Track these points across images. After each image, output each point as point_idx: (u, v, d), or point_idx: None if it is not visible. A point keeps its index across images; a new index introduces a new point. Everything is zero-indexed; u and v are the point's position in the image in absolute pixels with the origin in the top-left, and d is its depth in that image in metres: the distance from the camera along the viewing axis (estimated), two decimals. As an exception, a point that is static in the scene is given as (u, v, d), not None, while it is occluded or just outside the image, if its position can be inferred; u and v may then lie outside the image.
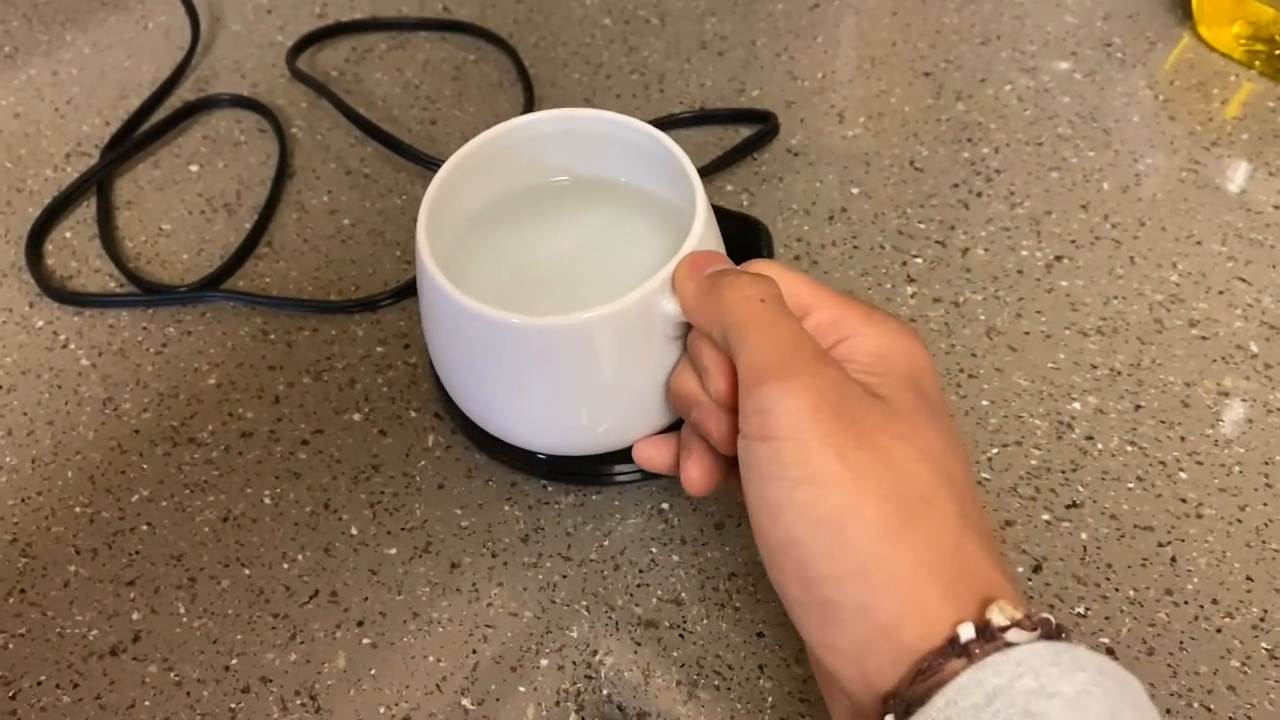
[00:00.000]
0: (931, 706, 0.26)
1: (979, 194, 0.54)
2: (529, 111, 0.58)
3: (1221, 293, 0.49)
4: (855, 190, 0.55)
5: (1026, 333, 0.48)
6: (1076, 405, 0.45)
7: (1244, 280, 0.49)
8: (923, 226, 0.53)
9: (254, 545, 0.43)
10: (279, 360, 0.49)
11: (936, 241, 0.52)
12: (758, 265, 0.35)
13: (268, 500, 0.44)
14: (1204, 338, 0.47)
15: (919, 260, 0.51)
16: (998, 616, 0.27)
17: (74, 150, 0.60)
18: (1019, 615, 0.27)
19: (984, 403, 0.46)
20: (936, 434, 0.30)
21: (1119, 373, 0.46)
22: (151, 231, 0.56)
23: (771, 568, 0.31)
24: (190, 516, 0.44)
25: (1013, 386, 0.46)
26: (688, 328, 0.36)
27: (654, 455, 0.38)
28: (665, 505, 0.43)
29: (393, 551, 0.42)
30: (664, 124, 0.57)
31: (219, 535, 0.43)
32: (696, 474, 0.35)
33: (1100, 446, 0.44)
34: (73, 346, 0.50)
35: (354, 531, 0.43)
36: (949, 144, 0.57)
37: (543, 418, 0.39)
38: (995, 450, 0.44)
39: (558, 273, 0.42)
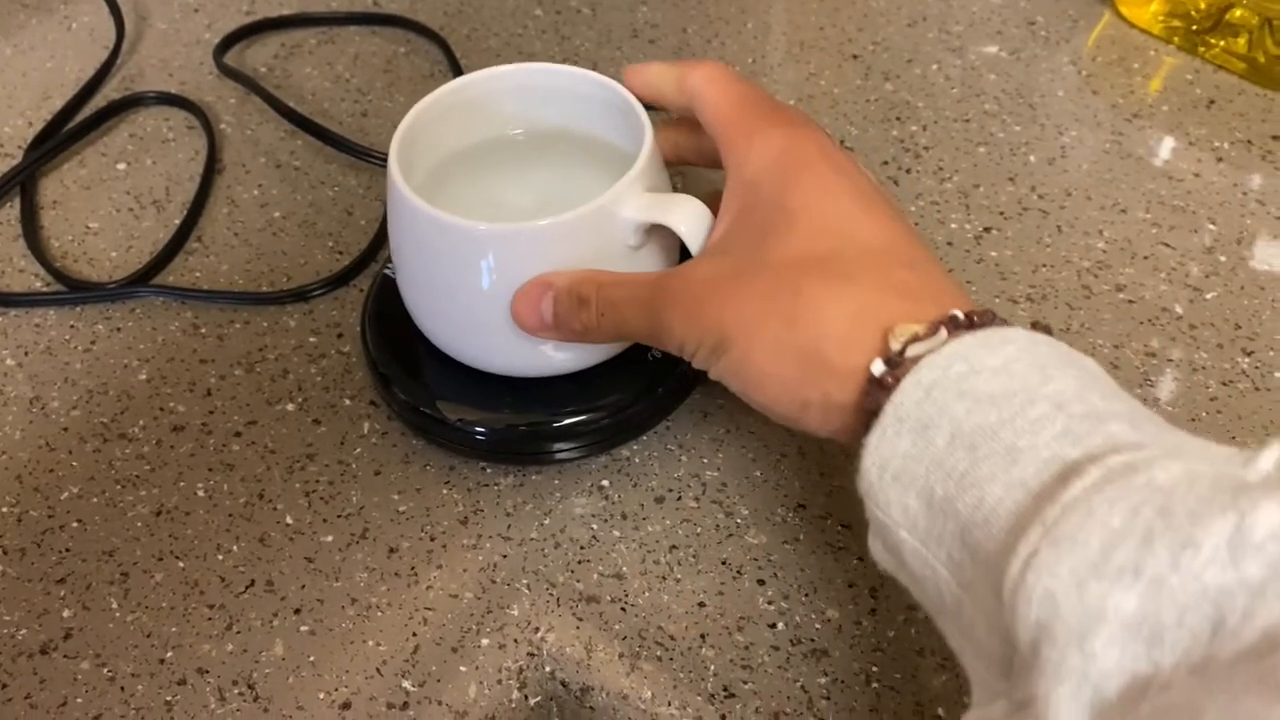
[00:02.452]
0: (882, 424, 0.28)
1: (908, 170, 0.55)
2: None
3: (1146, 258, 0.50)
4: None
5: (958, 303, 0.49)
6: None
7: (1168, 245, 0.50)
8: (854, 203, 0.53)
9: (188, 538, 0.42)
10: (210, 354, 0.49)
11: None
12: (694, 71, 0.39)
13: (201, 493, 0.44)
14: (1130, 301, 0.48)
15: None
16: (895, 342, 0.29)
17: (-3, 152, 0.59)
18: (916, 329, 0.29)
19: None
20: (792, 236, 0.33)
21: (1049, 338, 0.47)
22: (78, 230, 0.55)
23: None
24: (122, 512, 0.43)
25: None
26: (647, 237, 0.39)
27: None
28: (605, 482, 0.43)
29: (329, 539, 0.42)
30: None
31: (151, 529, 0.43)
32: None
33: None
34: (-3, 347, 0.49)
35: (289, 521, 0.43)
36: (878, 123, 0.57)
37: (506, 334, 0.39)
38: (930, 417, 0.44)
39: (518, 214, 0.43)
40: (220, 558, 0.42)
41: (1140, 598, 0.21)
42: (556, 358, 0.41)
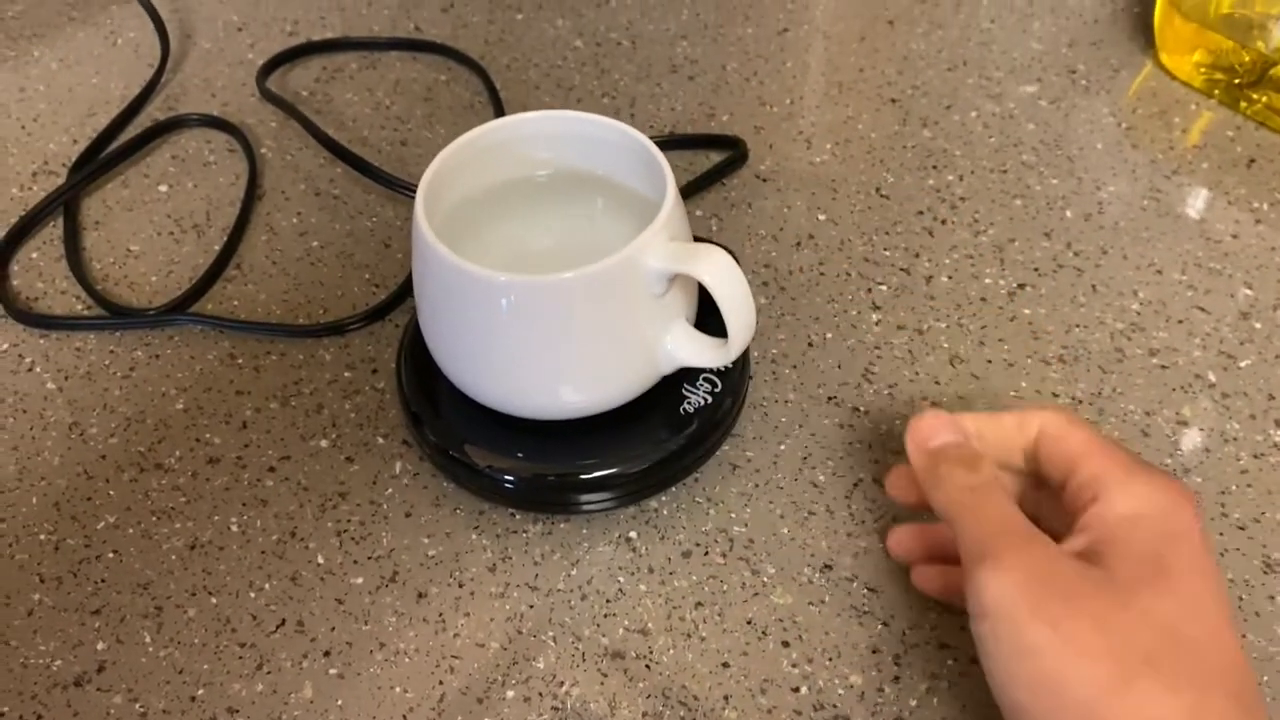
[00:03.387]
0: None
1: (943, 221, 0.55)
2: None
3: (1181, 322, 0.50)
4: (822, 216, 0.55)
5: (989, 361, 0.49)
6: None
7: (1203, 309, 0.50)
8: (888, 253, 0.53)
9: (220, 574, 0.43)
10: (246, 385, 0.49)
11: (901, 269, 0.53)
12: (1038, 414, 0.37)
13: (235, 528, 0.44)
14: (1164, 367, 0.48)
15: (884, 287, 0.52)
16: None
17: (41, 169, 0.60)
18: None
19: (947, 431, 0.46)
20: (1166, 598, 0.31)
21: (1080, 401, 0.47)
22: (120, 253, 0.55)
23: None
24: (157, 544, 0.44)
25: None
26: (670, 285, 0.39)
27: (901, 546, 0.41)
28: (633, 534, 0.43)
29: (359, 581, 0.42)
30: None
31: (185, 563, 0.43)
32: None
33: (1061, 475, 0.45)
34: (39, 370, 0.50)
35: (320, 560, 0.43)
36: (914, 171, 0.57)
37: (533, 379, 0.41)
38: (958, 479, 0.45)
39: (541, 258, 0.45)
40: (252, 595, 0.42)
41: None
42: (574, 401, 0.42)
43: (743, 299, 0.38)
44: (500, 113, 0.61)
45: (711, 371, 0.45)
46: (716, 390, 0.44)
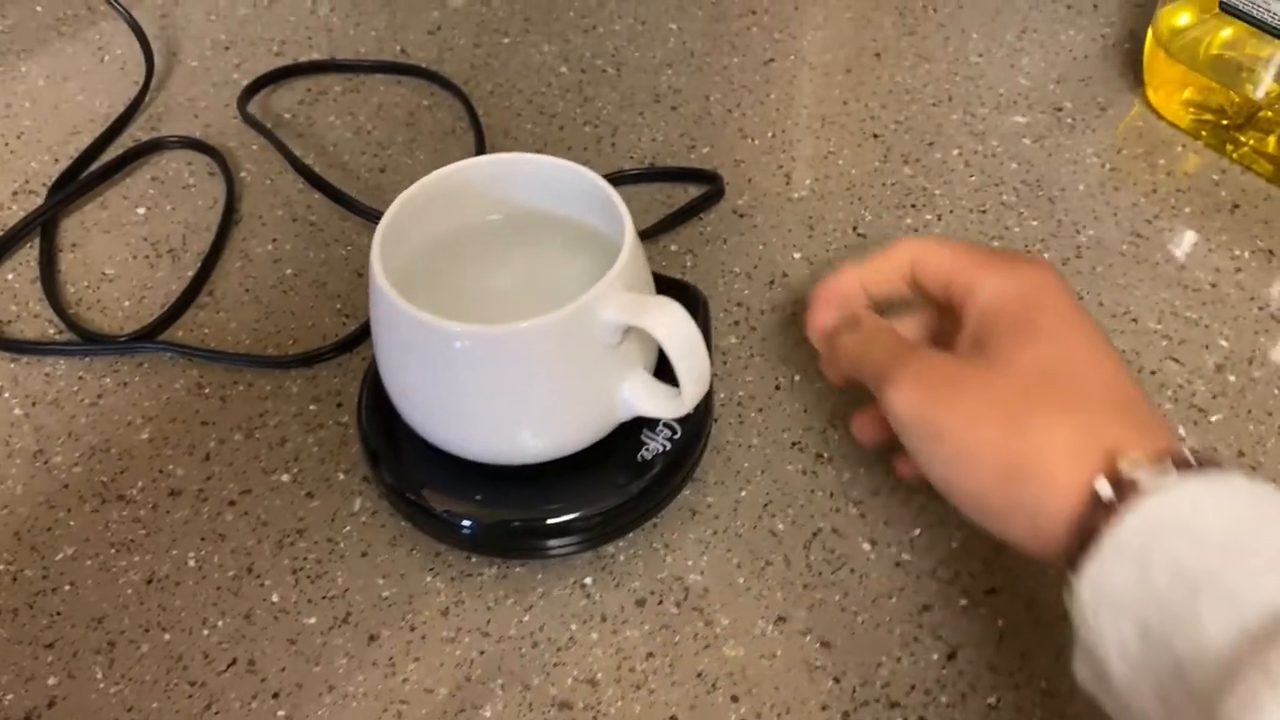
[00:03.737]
0: (1102, 552, 0.30)
1: (920, 262, 0.54)
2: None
3: (1154, 373, 0.49)
4: (797, 255, 0.55)
5: (958, 409, 0.48)
6: (1002, 486, 0.46)
7: (1176, 361, 0.50)
8: (862, 294, 0.53)
9: (175, 610, 0.43)
10: (212, 415, 0.49)
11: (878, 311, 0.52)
12: (904, 245, 0.41)
13: (192, 563, 0.44)
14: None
15: (856, 330, 0.52)
16: (1125, 466, 0.31)
17: (21, 188, 0.60)
18: (1144, 458, 0.31)
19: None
20: (1038, 350, 0.35)
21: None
22: (94, 276, 0.55)
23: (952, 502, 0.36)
24: (114, 578, 0.44)
25: (940, 465, 0.46)
26: (626, 336, 0.39)
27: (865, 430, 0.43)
28: (588, 580, 0.43)
29: (312, 621, 0.42)
30: (613, 179, 0.57)
31: (141, 598, 0.43)
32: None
33: (1023, 530, 0.44)
34: (7, 395, 0.50)
35: (275, 599, 0.43)
36: (893, 209, 0.57)
37: (487, 426, 0.41)
38: (918, 530, 0.44)
39: (501, 301, 0.44)
40: (205, 632, 0.42)
41: None
42: (529, 448, 0.41)
43: (695, 354, 0.38)
44: (480, 139, 0.61)
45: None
46: (677, 436, 0.44)
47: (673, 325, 0.38)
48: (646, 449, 0.43)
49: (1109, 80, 0.64)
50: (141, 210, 0.59)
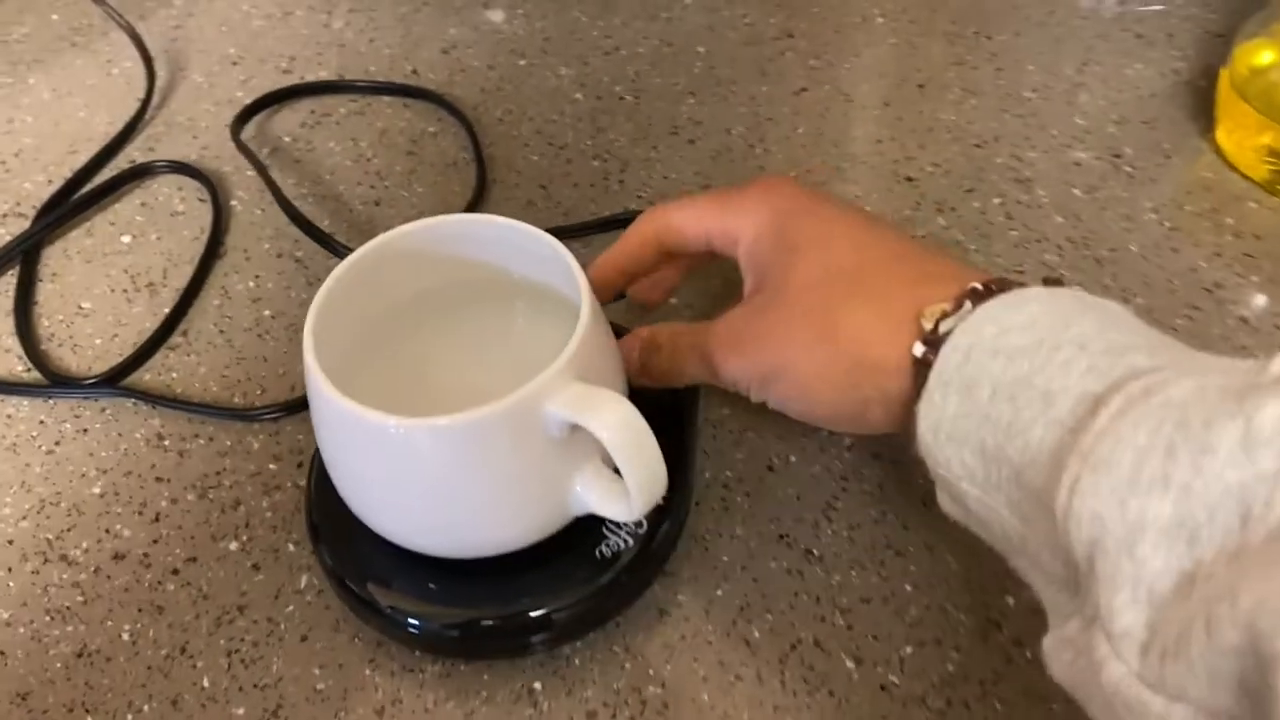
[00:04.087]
0: (929, 391, 0.31)
1: (944, 329, 0.49)
2: (477, 198, 0.55)
3: (1198, 472, 0.43)
4: (809, 314, 0.50)
5: (969, 505, 0.43)
6: (1010, 600, 0.40)
7: (1226, 459, 0.44)
8: (875, 364, 0.48)
9: (102, 689, 0.40)
10: (168, 471, 0.46)
11: (887, 384, 0.47)
12: (646, 219, 0.42)
13: (126, 636, 0.42)
14: (1169, 528, 0.42)
15: (864, 405, 0.47)
16: (928, 321, 0.32)
17: (12, 210, 0.58)
18: (944, 307, 0.32)
19: (906, 587, 0.41)
20: (807, 263, 0.36)
21: (1065, 563, 0.41)
22: (70, 310, 0.53)
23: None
24: (45, 648, 0.41)
25: (942, 570, 0.41)
26: (573, 430, 0.35)
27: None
28: (537, 685, 0.39)
29: (240, 712, 0.39)
30: (612, 222, 0.53)
31: (70, 673, 0.41)
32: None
33: (1029, 654, 0.39)
34: (-34, 437, 0.48)
35: (206, 684, 0.40)
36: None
37: (424, 519, 0.38)
38: (910, 649, 0.39)
39: (459, 373, 0.42)
40: (129, 717, 0.39)
41: (1174, 504, 0.24)
42: (470, 543, 0.38)
43: (643, 461, 0.34)
44: (482, 173, 0.57)
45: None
46: (642, 530, 0.40)
47: (618, 429, 0.33)
48: (607, 544, 0.39)
49: (1176, 123, 0.57)
50: (126, 239, 0.56)
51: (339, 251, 0.53)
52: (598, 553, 0.39)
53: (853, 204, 0.38)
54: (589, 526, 0.39)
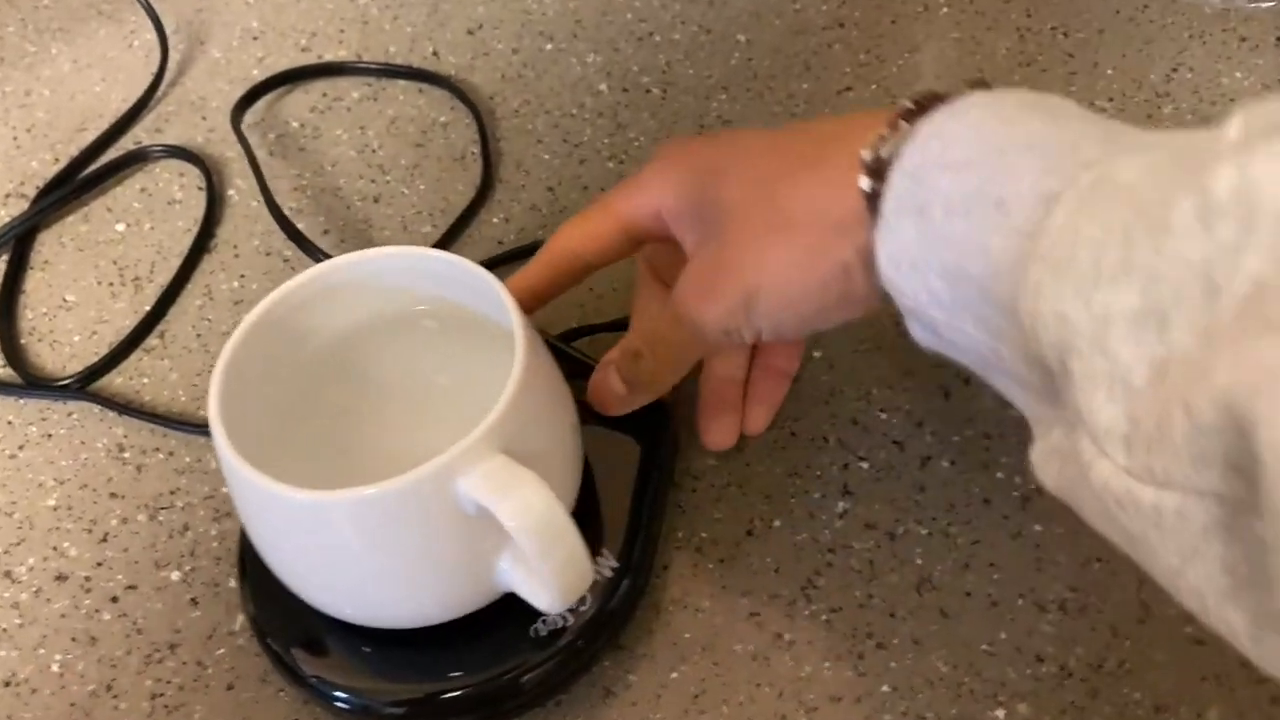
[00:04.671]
0: (884, 221, 0.30)
1: (967, 380, 0.44)
2: (479, 200, 0.51)
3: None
4: (817, 353, 0.45)
5: (968, 594, 0.38)
6: (1001, 714, 0.36)
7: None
8: (884, 416, 0.43)
9: (22, 725, 0.38)
10: (124, 488, 0.44)
11: (894, 441, 0.42)
12: (566, 236, 0.40)
13: (56, 668, 0.40)
14: (1199, 642, 0.36)
15: (865, 464, 0.42)
16: (867, 153, 0.31)
17: (15, 190, 0.56)
18: (880, 133, 0.31)
19: (884, 688, 0.36)
20: (735, 180, 0.35)
21: (1070, 674, 0.36)
22: (54, 303, 0.51)
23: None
24: (-26, 674, 0.40)
25: (927, 671, 0.37)
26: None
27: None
28: (463, 763, 0.36)
29: (155, 765, 0.37)
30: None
31: (-6, 703, 0.39)
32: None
33: (1015, 781, 0.34)
34: (-66, 434, 0.47)
35: (124, 729, 0.38)
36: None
37: (339, 589, 0.35)
38: (877, 763, 0.35)
39: (394, 418, 0.40)
40: (44, 759, 0.38)
41: (1139, 292, 0.23)
42: (387, 613, 0.35)
43: (554, 555, 0.30)
44: (488, 170, 0.53)
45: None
46: (583, 608, 0.36)
47: (526, 520, 0.30)
48: (543, 620, 0.36)
49: None
50: (121, 227, 0.54)
51: (319, 259, 0.50)
52: (532, 631, 0.36)
53: (741, 130, 0.38)
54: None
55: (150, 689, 0.39)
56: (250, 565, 0.38)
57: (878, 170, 0.30)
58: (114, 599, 0.41)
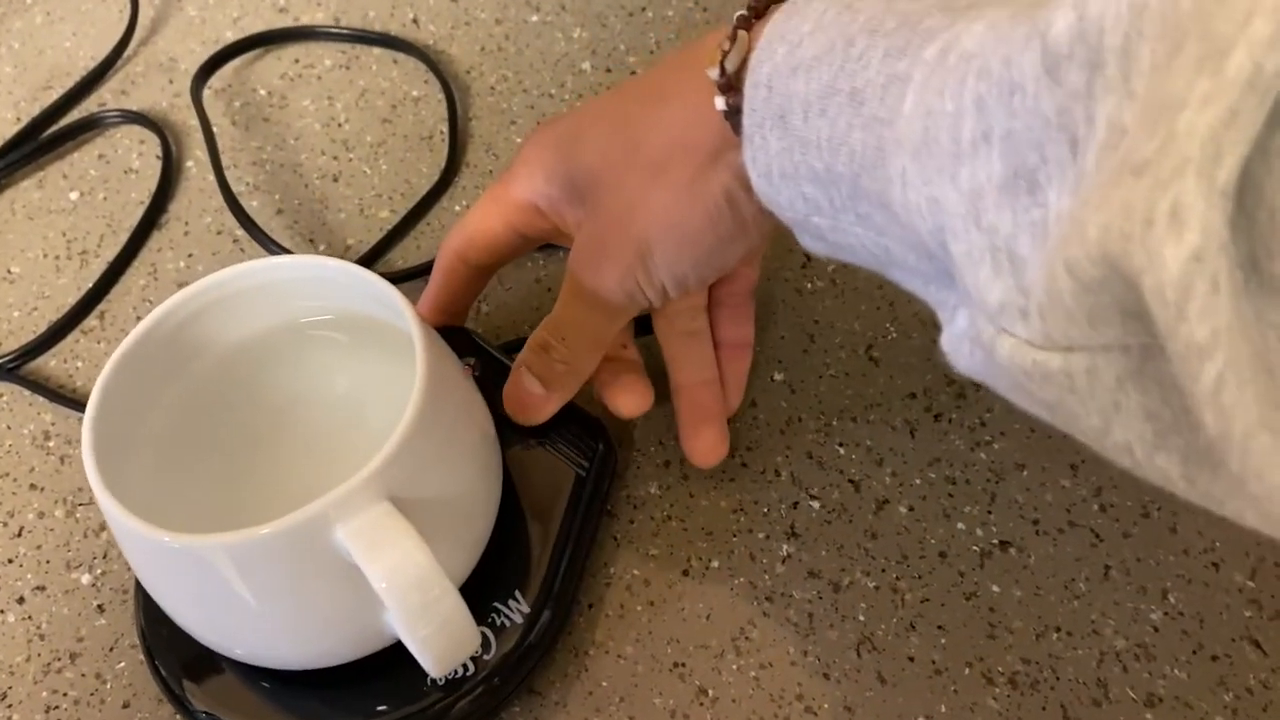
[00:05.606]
0: (747, 137, 0.28)
1: (938, 416, 0.40)
2: (442, 184, 0.49)
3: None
4: (779, 376, 0.42)
5: (911, 658, 0.35)
6: (930, 798, 0.33)
7: None
8: (842, 451, 0.40)
9: (-88, 732, 0.37)
10: (44, 479, 0.43)
11: (850, 480, 0.39)
12: (448, 246, 0.39)
13: (-49, 672, 0.38)
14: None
15: (816, 504, 0.39)
16: (712, 71, 0.30)
17: (-28, 150, 0.54)
18: (722, 47, 0.29)
19: (807, 760, 0.34)
20: (593, 143, 0.34)
21: (1014, 759, 0.33)
22: (-2, 273, 0.49)
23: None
24: None
25: (856, 744, 0.34)
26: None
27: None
28: (354, 809, 0.34)
29: (39, 785, 0.35)
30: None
31: (-113, 705, 0.38)
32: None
33: None
34: None
35: (15, 742, 0.36)
36: (929, 327, 0.42)
37: (213, 629, 0.33)
38: (791, 842, 0.32)
39: (305, 435, 0.37)
40: (-69, 770, 0.36)
41: (1001, 158, 0.22)
42: (268, 656, 0.33)
43: (422, 622, 0.28)
44: (454, 153, 0.50)
45: (502, 602, 0.34)
46: (486, 655, 0.33)
47: (394, 583, 0.27)
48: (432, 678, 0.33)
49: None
50: (74, 195, 0.52)
51: (268, 245, 0.48)
52: (426, 684, 0.33)
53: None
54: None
55: (46, 701, 0.37)
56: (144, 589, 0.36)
57: (732, 87, 0.29)
58: (20, 600, 0.40)
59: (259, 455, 0.36)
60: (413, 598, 0.27)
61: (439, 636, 0.28)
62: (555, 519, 0.37)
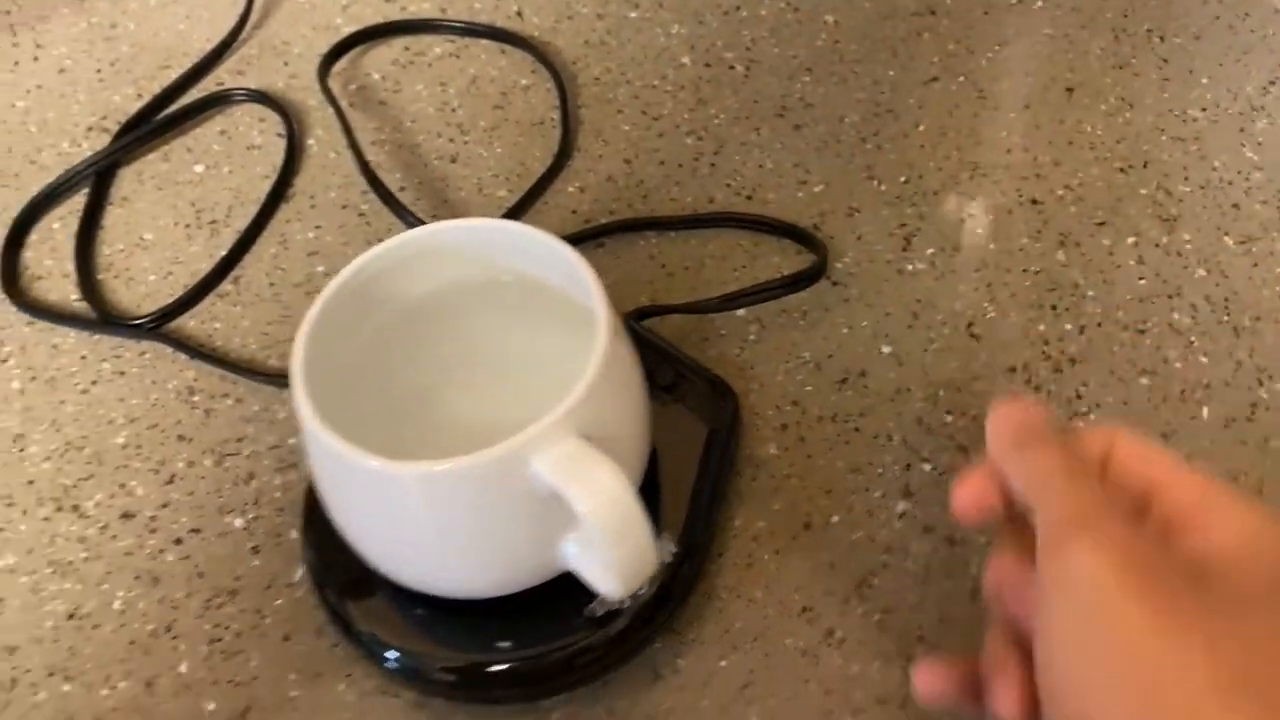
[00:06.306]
0: None
1: (1038, 387, 0.43)
2: (557, 166, 0.51)
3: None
4: (887, 349, 0.45)
5: (1023, 606, 0.38)
6: (1048, 730, 0.35)
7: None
8: (949, 419, 0.43)
9: (84, 658, 0.39)
10: (192, 430, 0.45)
11: (959, 446, 0.42)
12: (1104, 433, 0.30)
13: (119, 604, 0.41)
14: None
15: (927, 466, 0.42)
16: None
17: (96, 124, 0.57)
18: None
19: (932, 694, 0.36)
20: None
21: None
22: (132, 240, 0.52)
23: None
24: (41, 602, 0.41)
25: (976, 681, 0.37)
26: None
27: (935, 684, 0.32)
28: (511, 733, 0.37)
29: (211, 707, 0.38)
30: (687, 221, 0.49)
31: (58, 634, 0.40)
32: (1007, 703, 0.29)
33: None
34: (12, 363, 0.48)
35: (183, 669, 0.39)
36: (1025, 308, 0.45)
37: (402, 556, 0.35)
38: (921, 767, 0.35)
39: (471, 386, 0.40)
40: (104, 693, 0.39)
41: None
42: (448, 583, 0.36)
43: (622, 545, 0.30)
44: (566, 137, 0.53)
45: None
46: (641, 591, 0.36)
47: (598, 506, 0.30)
48: (599, 600, 0.36)
49: (1372, 168, 0.49)
50: (200, 168, 0.55)
51: (403, 216, 0.50)
52: (587, 610, 0.36)
53: None
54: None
55: (209, 633, 0.40)
56: (314, 517, 0.39)
57: None
58: (178, 540, 0.42)
59: (437, 397, 0.39)
60: (613, 519, 0.30)
61: (632, 557, 0.31)
62: (691, 471, 0.39)
